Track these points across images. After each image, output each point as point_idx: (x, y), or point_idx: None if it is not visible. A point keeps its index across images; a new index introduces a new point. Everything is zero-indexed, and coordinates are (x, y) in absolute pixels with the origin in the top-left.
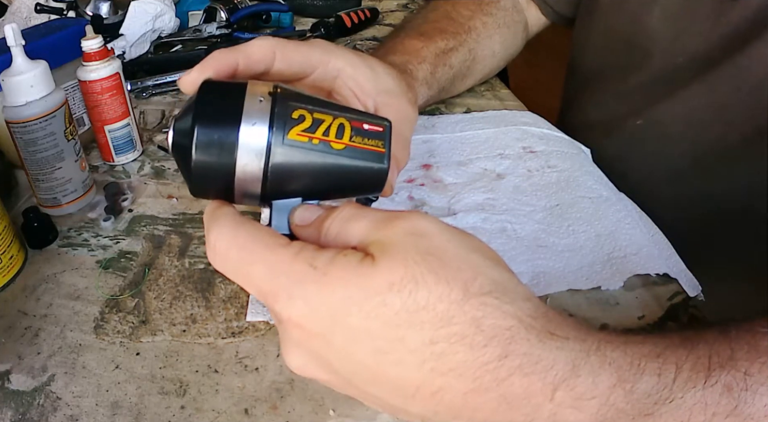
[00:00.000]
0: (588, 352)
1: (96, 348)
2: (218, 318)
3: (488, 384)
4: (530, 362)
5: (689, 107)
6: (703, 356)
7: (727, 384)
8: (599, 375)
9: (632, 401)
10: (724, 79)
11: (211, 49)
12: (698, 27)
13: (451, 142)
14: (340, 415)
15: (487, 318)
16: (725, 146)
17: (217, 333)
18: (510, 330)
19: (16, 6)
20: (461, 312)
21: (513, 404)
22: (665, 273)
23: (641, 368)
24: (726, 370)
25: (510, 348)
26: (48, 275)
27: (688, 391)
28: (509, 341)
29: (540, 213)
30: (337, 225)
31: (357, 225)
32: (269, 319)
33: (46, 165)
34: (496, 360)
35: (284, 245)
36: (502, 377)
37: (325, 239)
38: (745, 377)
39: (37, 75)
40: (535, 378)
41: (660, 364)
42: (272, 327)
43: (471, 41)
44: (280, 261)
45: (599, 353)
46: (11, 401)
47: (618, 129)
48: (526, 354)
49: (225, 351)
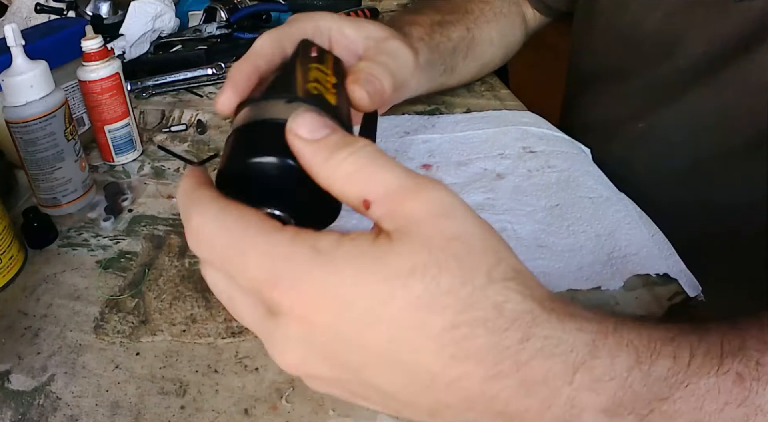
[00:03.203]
0: (606, 333)
1: (96, 348)
2: (218, 318)
3: (508, 370)
4: (551, 344)
5: (691, 111)
6: (715, 343)
7: (740, 373)
8: (618, 356)
9: (648, 383)
10: (727, 82)
11: (211, 49)
12: (701, 30)
13: (451, 142)
14: (340, 415)
15: (509, 303)
16: (727, 150)
17: (217, 333)
18: (531, 313)
19: (16, 6)
20: (484, 296)
21: (531, 390)
22: (665, 273)
23: (657, 350)
24: (738, 359)
25: (531, 331)
26: (48, 275)
27: (702, 377)
28: (530, 324)
29: (540, 213)
30: (355, 163)
31: (379, 177)
32: None
33: (46, 165)
34: (517, 343)
35: (279, 228)
36: (523, 361)
37: (333, 173)
38: (757, 366)
39: (37, 75)
40: (556, 360)
41: (674, 348)
42: None
43: (468, 21)
44: (277, 245)
45: (617, 334)
46: (11, 401)
47: (619, 132)
48: (547, 336)
49: (225, 351)
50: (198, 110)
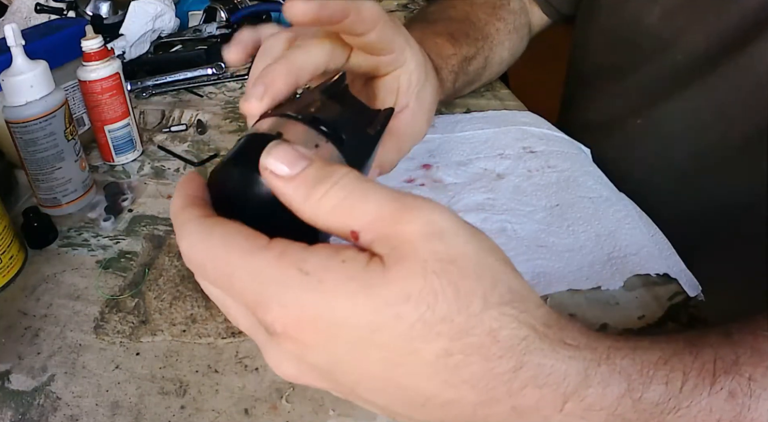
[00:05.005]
0: (599, 361)
1: (96, 348)
2: (218, 318)
3: (500, 396)
4: (544, 373)
5: (690, 106)
6: (709, 361)
7: (732, 390)
8: (609, 384)
9: (639, 410)
10: (725, 78)
11: (211, 49)
12: (699, 25)
13: (451, 142)
14: (340, 415)
15: (504, 329)
16: (725, 146)
17: (217, 333)
18: (525, 340)
19: (16, 6)
20: (479, 322)
21: (523, 415)
22: (665, 273)
23: (649, 376)
24: (731, 376)
25: (524, 359)
26: (48, 275)
27: (694, 398)
28: (524, 351)
29: (540, 213)
30: (336, 196)
31: (363, 206)
32: None
33: (46, 165)
34: (510, 371)
35: (264, 246)
36: (516, 389)
37: (315, 209)
38: (749, 382)
39: (37, 75)
40: (547, 389)
41: (668, 372)
42: None
43: (486, 49)
44: (264, 267)
45: (609, 361)
46: (11, 401)
47: (618, 128)
48: (540, 364)
49: (225, 351)
50: (198, 110)
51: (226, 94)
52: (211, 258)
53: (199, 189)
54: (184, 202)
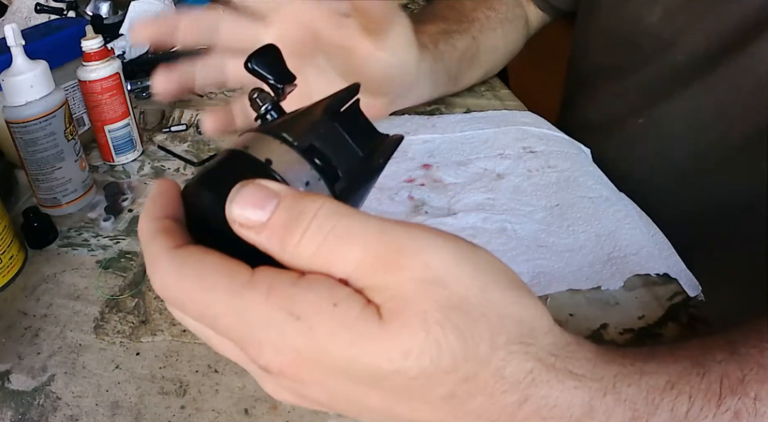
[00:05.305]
0: (605, 391)
1: (96, 348)
2: None
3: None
4: (548, 405)
5: (690, 106)
6: (715, 381)
7: (737, 410)
8: (613, 415)
9: None
10: (725, 78)
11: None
12: (699, 25)
13: (451, 142)
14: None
15: (510, 366)
16: (726, 145)
17: None
18: (531, 373)
19: (16, 6)
20: (486, 364)
21: None
22: (665, 273)
23: (655, 404)
24: (737, 396)
25: (529, 392)
26: (48, 275)
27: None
28: (529, 384)
29: (540, 213)
30: (314, 241)
31: (346, 249)
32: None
33: (46, 165)
34: (515, 404)
35: (247, 285)
36: (519, 420)
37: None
38: (754, 402)
39: (37, 75)
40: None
41: (673, 398)
42: None
43: (474, 30)
44: (250, 310)
45: (615, 390)
46: (11, 401)
47: (618, 128)
48: (544, 396)
49: None
50: (198, 110)
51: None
52: (190, 298)
53: (169, 205)
54: (154, 229)
